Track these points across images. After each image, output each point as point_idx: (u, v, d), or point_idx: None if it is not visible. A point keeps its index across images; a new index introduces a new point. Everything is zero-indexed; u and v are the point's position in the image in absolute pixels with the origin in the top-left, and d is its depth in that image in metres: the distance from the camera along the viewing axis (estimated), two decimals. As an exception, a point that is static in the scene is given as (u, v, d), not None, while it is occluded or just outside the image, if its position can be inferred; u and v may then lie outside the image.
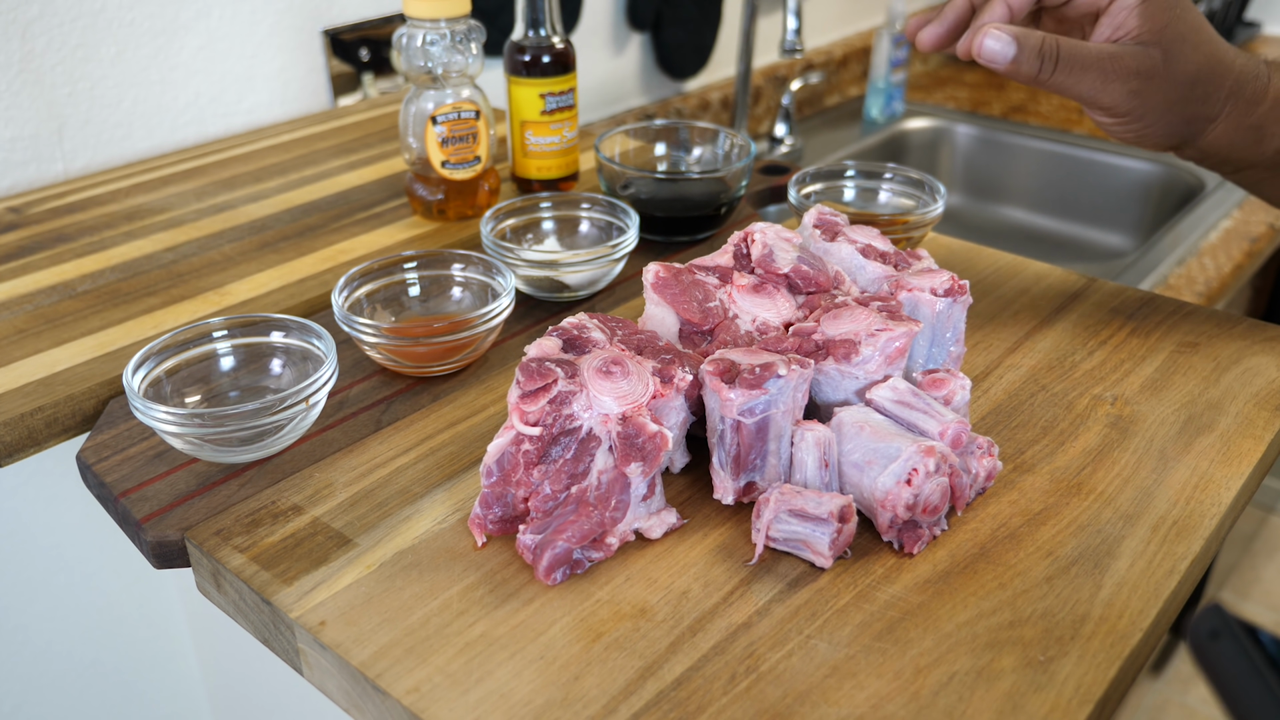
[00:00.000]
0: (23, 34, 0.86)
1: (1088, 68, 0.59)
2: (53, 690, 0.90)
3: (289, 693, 0.81)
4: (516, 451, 0.50)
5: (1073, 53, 0.59)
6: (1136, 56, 0.60)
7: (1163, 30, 0.61)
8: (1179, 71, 0.61)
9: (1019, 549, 0.51)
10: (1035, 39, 0.59)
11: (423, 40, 0.79)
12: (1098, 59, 0.60)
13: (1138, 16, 0.60)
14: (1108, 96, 0.60)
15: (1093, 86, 0.60)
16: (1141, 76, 0.60)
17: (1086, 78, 0.60)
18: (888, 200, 0.82)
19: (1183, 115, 0.62)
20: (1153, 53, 0.60)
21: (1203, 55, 0.62)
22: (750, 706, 0.43)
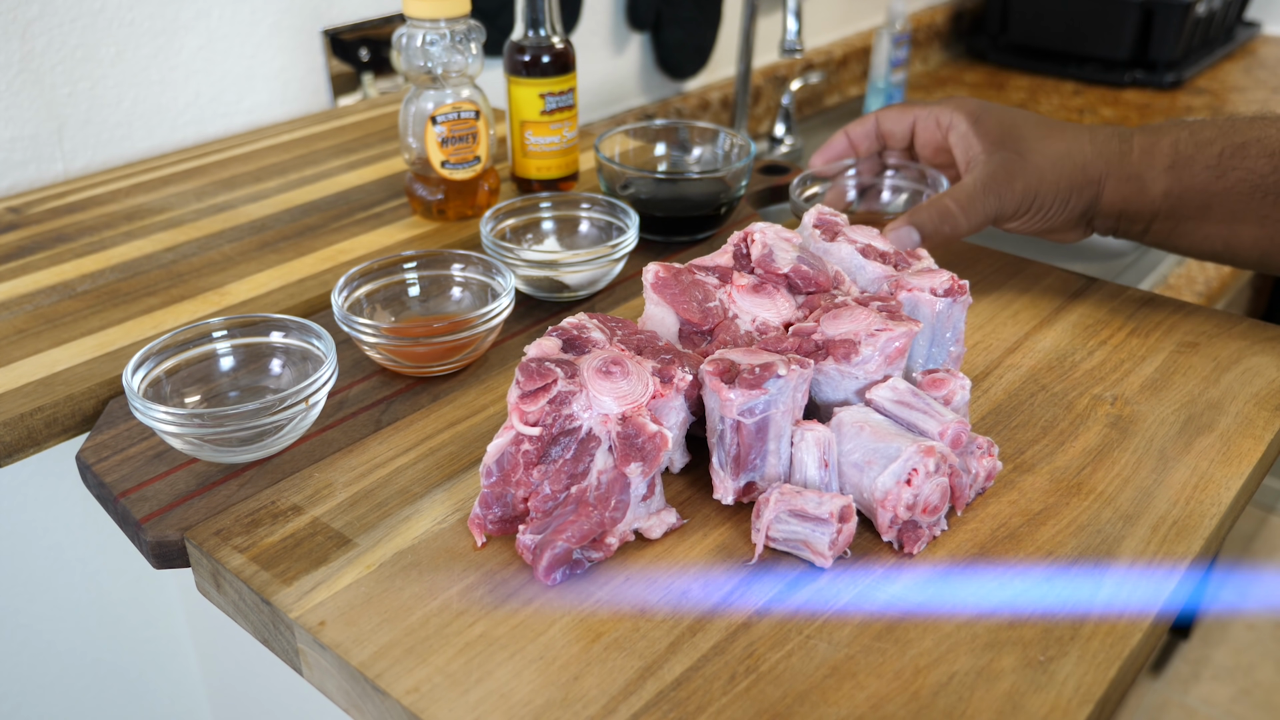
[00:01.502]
0: (23, 34, 0.86)
1: (981, 196, 0.67)
2: (53, 690, 0.90)
3: (289, 693, 0.81)
4: (516, 451, 0.50)
5: (961, 194, 0.67)
6: (1002, 164, 0.68)
7: (1003, 135, 0.69)
8: (1040, 155, 0.68)
9: (1019, 549, 0.51)
10: (926, 213, 0.67)
11: (422, 40, 0.79)
12: (982, 185, 0.67)
13: (976, 137, 0.69)
14: (1009, 205, 0.68)
15: (995, 206, 0.67)
16: (1016, 176, 0.67)
17: (986, 204, 0.67)
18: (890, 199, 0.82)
19: (1069, 188, 0.68)
20: (1008, 155, 0.68)
21: (1053, 134, 0.69)
22: (750, 706, 0.43)
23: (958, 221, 0.67)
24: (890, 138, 0.77)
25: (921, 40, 1.90)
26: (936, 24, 1.94)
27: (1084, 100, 1.74)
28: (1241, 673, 1.77)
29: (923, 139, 0.75)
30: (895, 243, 0.65)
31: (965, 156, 0.70)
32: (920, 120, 0.75)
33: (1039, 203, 0.68)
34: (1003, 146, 0.68)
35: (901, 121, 0.76)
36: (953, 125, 0.71)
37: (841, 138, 0.78)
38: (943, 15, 1.95)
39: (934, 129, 0.74)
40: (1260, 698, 1.73)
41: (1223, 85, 1.80)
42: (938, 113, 0.73)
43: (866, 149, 0.78)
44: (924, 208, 0.67)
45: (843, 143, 0.78)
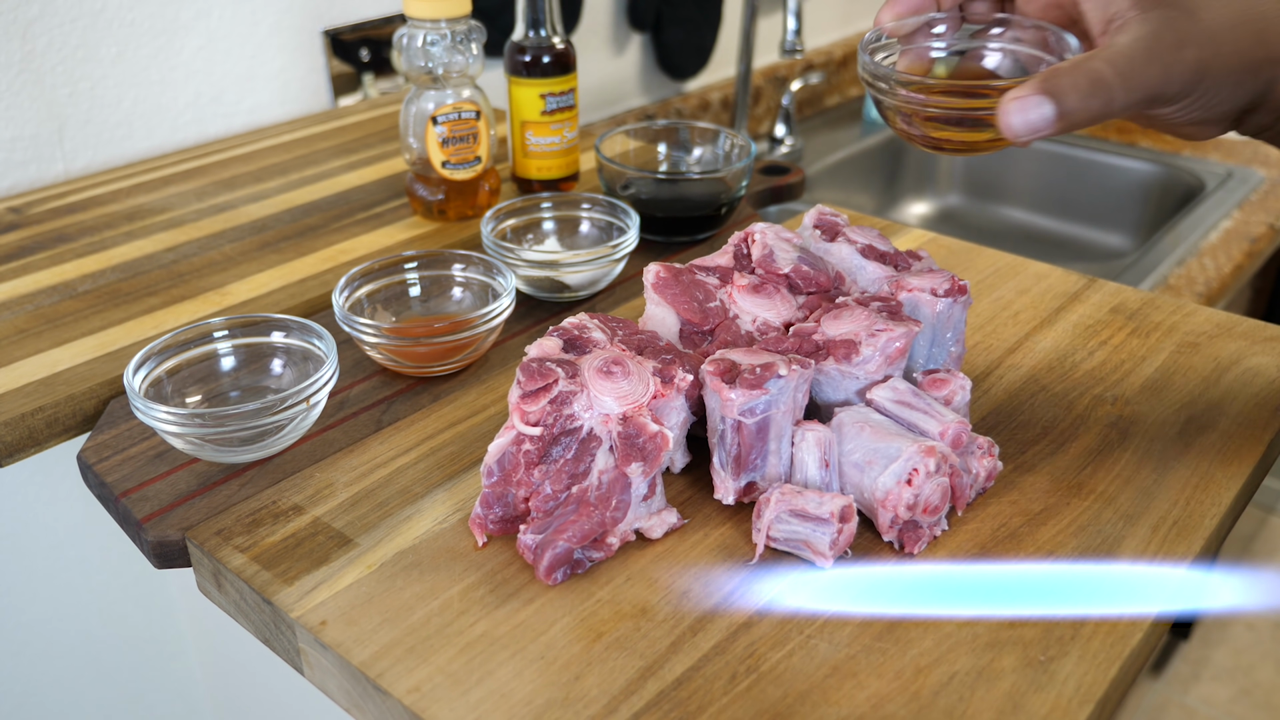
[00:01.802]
0: (23, 34, 0.86)
1: (1145, 60, 0.47)
2: (53, 690, 0.90)
3: (289, 692, 0.82)
4: (517, 451, 0.50)
5: (1118, 56, 0.47)
6: (1167, 23, 0.48)
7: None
8: (1216, 15, 0.48)
9: (1020, 549, 0.51)
10: (1068, 78, 0.46)
11: (423, 40, 0.79)
12: (1146, 47, 0.47)
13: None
14: (1176, 78, 0.47)
15: (1160, 76, 0.47)
16: (1188, 40, 0.47)
17: (1150, 71, 0.47)
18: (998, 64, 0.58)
19: (1245, 65, 0.49)
20: (1172, 14, 0.48)
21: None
22: (751, 706, 0.43)
23: (1112, 94, 0.46)
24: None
25: (921, 40, 1.90)
26: (936, 24, 1.94)
27: (1084, 100, 1.74)
28: (1241, 673, 1.77)
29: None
30: (1019, 117, 0.46)
31: (1104, 12, 0.49)
32: None
33: (1209, 82, 0.48)
34: (1161, 1, 0.48)
35: None
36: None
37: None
38: (943, 16, 1.95)
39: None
40: (1260, 698, 1.73)
41: (1223, 86, 1.80)
42: None
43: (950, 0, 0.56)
44: (1064, 70, 0.46)
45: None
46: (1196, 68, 0.48)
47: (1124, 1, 0.49)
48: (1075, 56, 0.49)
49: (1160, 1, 0.49)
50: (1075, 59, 0.47)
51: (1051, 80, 0.46)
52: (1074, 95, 0.46)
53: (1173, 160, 1.50)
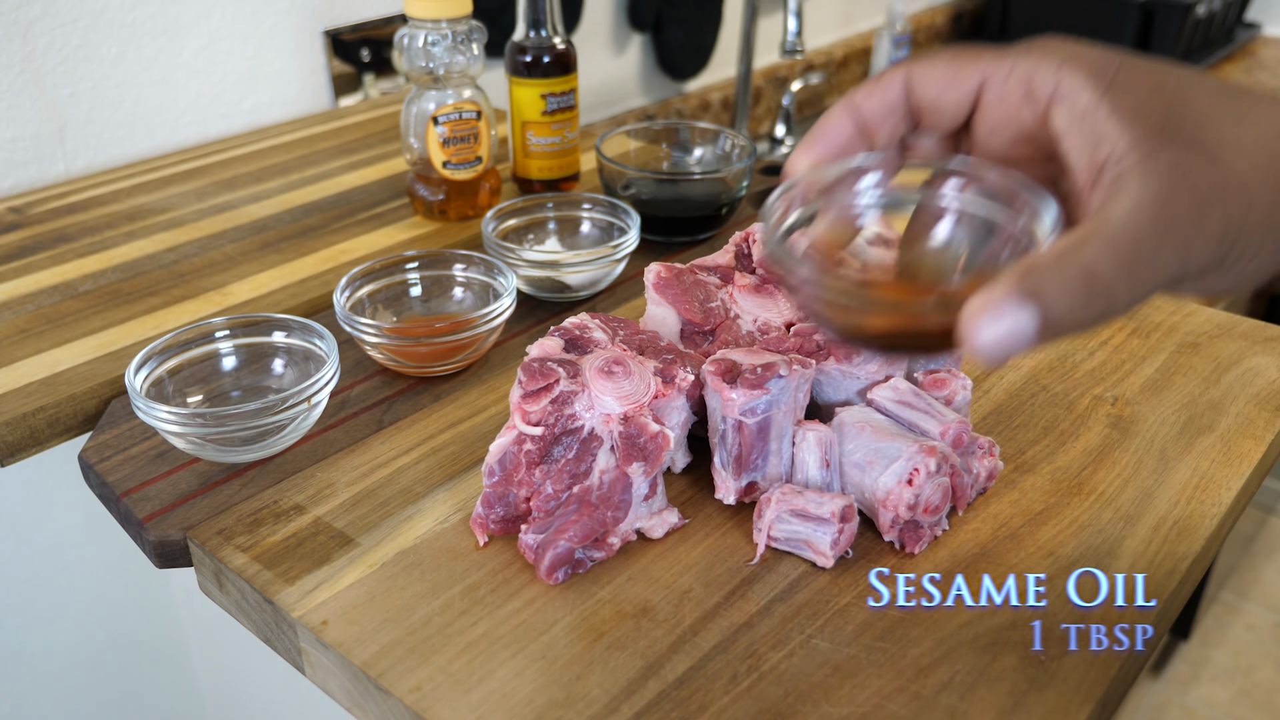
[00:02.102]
0: (24, 34, 0.86)
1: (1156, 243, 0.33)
2: (53, 690, 0.90)
3: (290, 692, 0.81)
4: (518, 451, 0.50)
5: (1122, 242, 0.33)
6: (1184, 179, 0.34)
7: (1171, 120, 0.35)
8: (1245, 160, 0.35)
9: (1020, 549, 0.51)
10: (1054, 275, 0.32)
11: (424, 41, 0.79)
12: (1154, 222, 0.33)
13: (1115, 119, 0.35)
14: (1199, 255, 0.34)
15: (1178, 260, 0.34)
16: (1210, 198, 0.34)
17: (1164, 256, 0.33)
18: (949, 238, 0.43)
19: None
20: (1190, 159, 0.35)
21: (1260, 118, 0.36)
22: (752, 706, 0.43)
23: (1114, 294, 0.33)
24: (931, 114, 0.40)
25: (922, 41, 1.90)
26: (937, 25, 1.94)
27: (1084, 101, 1.74)
28: (1241, 673, 1.78)
29: (995, 117, 0.39)
30: (992, 332, 0.32)
31: (1092, 155, 0.36)
32: (993, 83, 0.38)
33: (1242, 246, 0.35)
34: (1170, 137, 0.35)
35: (956, 85, 0.39)
36: (1060, 95, 0.36)
37: (844, 117, 0.41)
38: (943, 16, 1.96)
39: (1019, 100, 0.38)
40: (1260, 698, 1.73)
41: (1223, 86, 1.80)
42: (1027, 69, 0.37)
43: (888, 133, 0.41)
44: (1046, 266, 0.33)
45: (846, 126, 0.41)
46: (1223, 234, 0.34)
47: (1121, 139, 0.35)
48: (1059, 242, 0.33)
49: (1171, 137, 0.35)
50: (1062, 246, 0.33)
51: (1031, 278, 0.32)
52: (1064, 299, 0.32)
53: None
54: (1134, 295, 0.33)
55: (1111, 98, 0.35)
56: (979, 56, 0.39)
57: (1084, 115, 0.36)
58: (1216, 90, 0.37)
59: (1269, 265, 0.36)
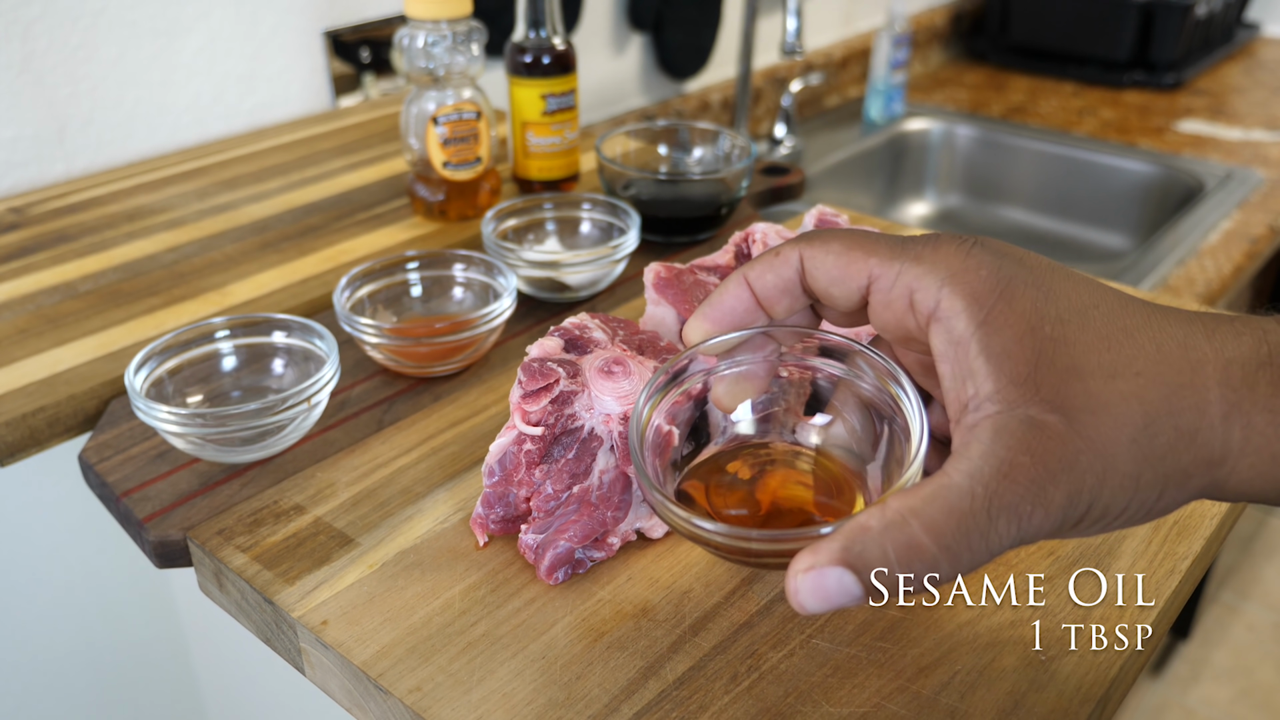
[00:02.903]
0: (24, 34, 0.86)
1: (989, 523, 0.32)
2: (53, 690, 0.90)
3: (290, 692, 0.81)
4: (518, 451, 0.50)
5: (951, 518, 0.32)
6: (1033, 446, 0.33)
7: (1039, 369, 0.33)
8: (1111, 418, 0.33)
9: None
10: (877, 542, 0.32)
11: (424, 41, 0.79)
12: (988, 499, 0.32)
13: (984, 358, 0.34)
14: (1038, 529, 0.33)
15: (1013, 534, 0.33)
16: (1062, 468, 0.33)
17: (997, 536, 0.32)
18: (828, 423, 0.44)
19: (1165, 476, 0.34)
20: (1046, 420, 0.33)
21: (1138, 362, 0.34)
22: (752, 705, 0.43)
23: (939, 569, 0.32)
24: (826, 297, 0.39)
25: (921, 41, 1.90)
26: (936, 25, 1.94)
27: (1084, 101, 1.75)
28: (1241, 674, 1.78)
29: (883, 318, 0.38)
30: (812, 594, 0.33)
31: (960, 391, 0.34)
32: (879, 287, 0.37)
33: (1099, 510, 0.34)
34: (1033, 392, 0.33)
35: (846, 280, 0.38)
36: (940, 314, 0.35)
37: (739, 288, 0.40)
38: (943, 16, 1.96)
39: (904, 309, 0.36)
40: (1260, 699, 1.73)
41: (1223, 86, 1.81)
42: (911, 281, 0.36)
43: (784, 310, 0.40)
44: (873, 531, 0.33)
45: (742, 296, 0.40)
46: (1068, 506, 0.33)
47: (985, 383, 0.33)
48: (895, 501, 0.33)
49: (1033, 391, 0.33)
50: (893, 512, 0.33)
51: (857, 544, 0.32)
52: (886, 573, 0.32)
53: (1172, 161, 1.50)
54: (958, 569, 0.33)
55: (984, 333, 0.34)
56: (871, 252, 0.37)
57: (958, 344, 0.34)
58: (1097, 335, 0.34)
59: (1144, 515, 0.35)
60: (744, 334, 0.41)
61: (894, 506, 0.33)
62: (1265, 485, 0.35)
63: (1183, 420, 0.34)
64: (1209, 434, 0.34)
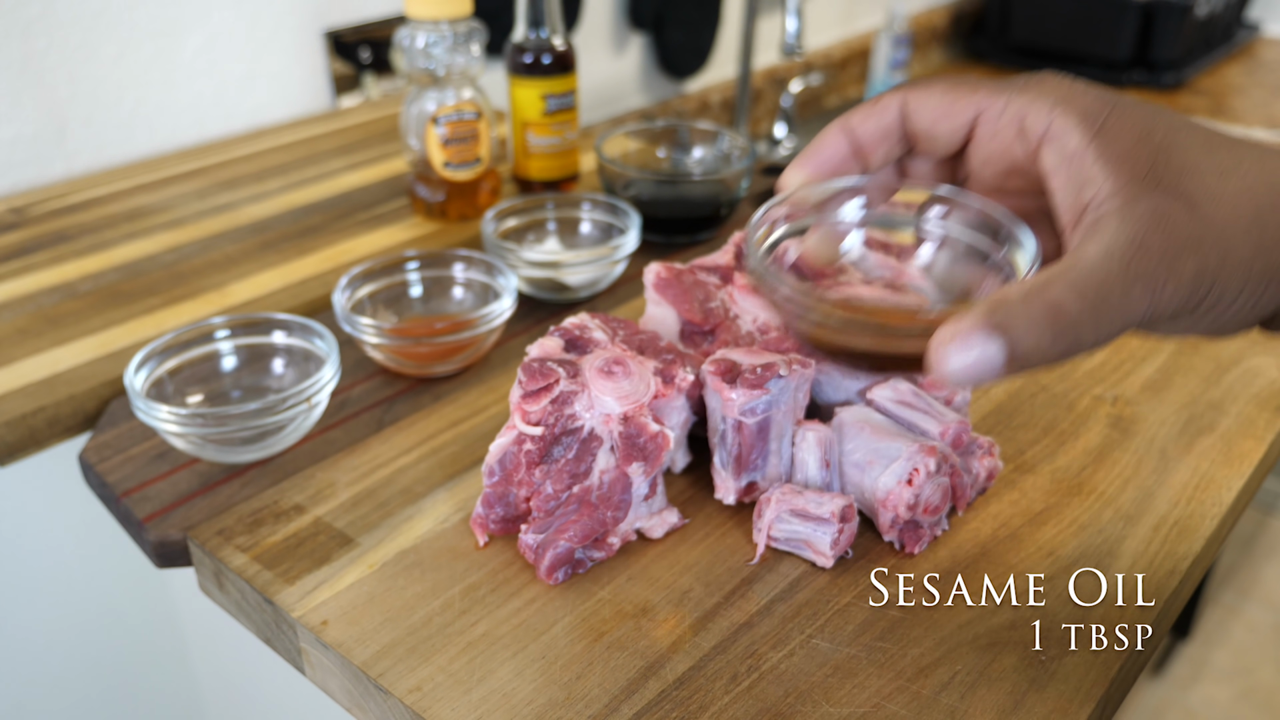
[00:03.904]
0: (23, 34, 0.86)
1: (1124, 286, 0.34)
2: (53, 690, 0.90)
3: (290, 692, 0.81)
4: (518, 451, 0.50)
5: (1090, 284, 0.34)
6: (1157, 222, 0.35)
7: (1153, 160, 0.36)
8: (1226, 205, 0.36)
9: (1020, 549, 0.51)
10: (1021, 310, 0.34)
11: (424, 41, 0.79)
12: (1125, 266, 0.34)
13: (1102, 163, 0.36)
14: (1169, 301, 0.35)
15: (1145, 304, 0.35)
16: (1186, 246, 0.35)
17: (1132, 301, 0.34)
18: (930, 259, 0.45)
19: (1269, 271, 0.36)
20: (1169, 205, 0.35)
21: (1245, 163, 0.37)
22: (752, 705, 0.43)
23: (1079, 332, 0.34)
24: (926, 140, 0.41)
25: (921, 41, 1.90)
26: (936, 25, 1.94)
27: (1084, 101, 1.74)
28: (1242, 674, 1.78)
29: (988, 149, 0.40)
30: (960, 360, 0.34)
31: (1076, 197, 0.37)
32: (987, 117, 0.39)
33: (1217, 294, 0.36)
34: (1153, 184, 0.36)
35: (951, 116, 0.40)
36: (1052, 135, 0.37)
37: (839, 136, 0.42)
38: (943, 16, 1.96)
39: (1013, 136, 0.39)
40: (1261, 699, 1.73)
41: (1223, 86, 1.81)
42: (1022, 107, 0.38)
43: (882, 156, 0.42)
44: (1014, 301, 0.34)
45: (841, 145, 0.42)
46: (1196, 281, 0.35)
47: (1105, 183, 0.36)
48: (1031, 277, 0.35)
49: (1152, 185, 0.36)
50: (1031, 284, 0.34)
51: (1000, 312, 0.33)
52: (1030, 334, 0.33)
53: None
54: (1099, 334, 0.34)
55: (1100, 142, 0.36)
56: (975, 89, 0.39)
57: (1072, 157, 0.37)
58: (1204, 141, 0.37)
59: (1248, 314, 0.37)
60: (838, 183, 0.41)
61: (1033, 280, 0.34)
62: None
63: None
64: None
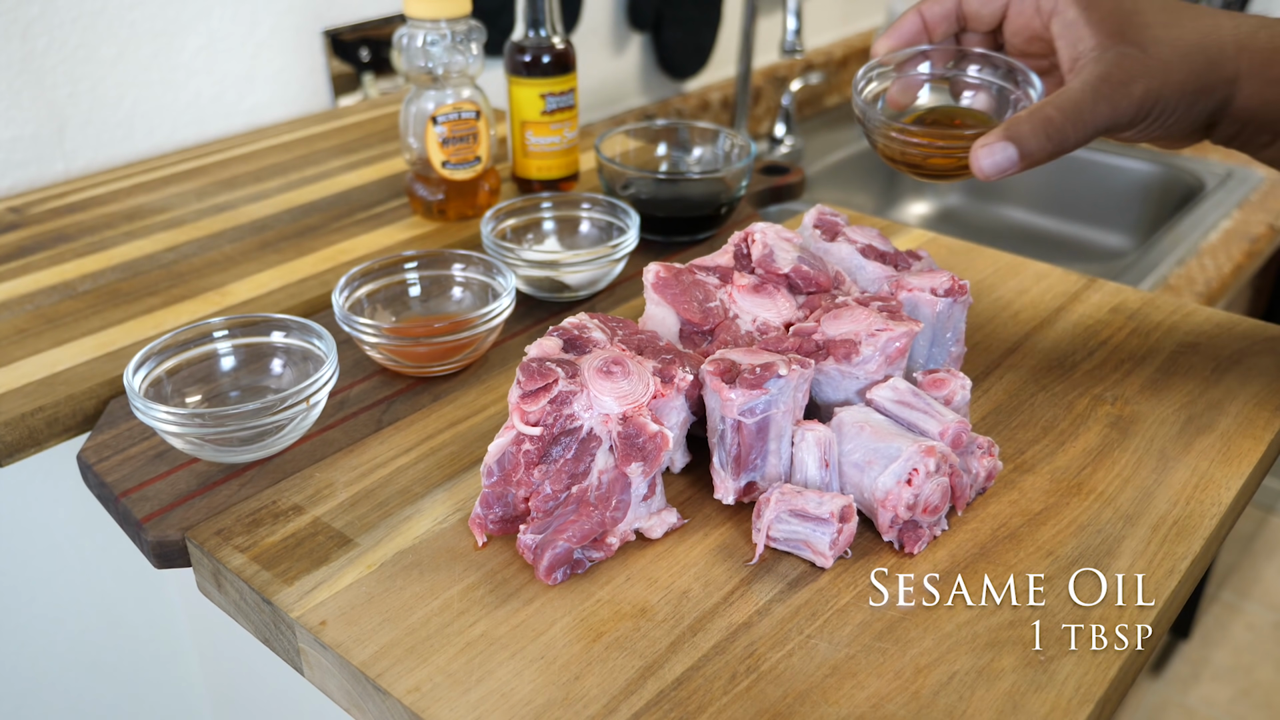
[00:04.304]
0: (23, 34, 0.86)
1: (1093, 103, 0.54)
2: (53, 690, 0.90)
3: (289, 693, 0.81)
4: (517, 451, 0.50)
5: (1069, 103, 0.54)
6: (1118, 61, 0.55)
7: (1122, 23, 0.56)
8: (1167, 48, 0.56)
9: (1019, 549, 0.51)
10: (1026, 125, 0.54)
11: (423, 40, 0.79)
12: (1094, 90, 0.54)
13: (1088, 27, 0.56)
14: (1125, 112, 0.55)
15: (1108, 114, 0.54)
16: (1137, 76, 0.55)
17: (1098, 111, 0.54)
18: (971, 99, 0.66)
19: (1199, 88, 0.56)
20: (1126, 50, 0.55)
21: (1184, 19, 0.57)
22: (751, 706, 0.43)
23: (1065, 135, 0.54)
24: (974, 20, 0.63)
25: (921, 40, 1.90)
26: (936, 24, 1.94)
27: (1084, 100, 1.74)
28: (1241, 673, 1.78)
29: (1016, 24, 0.61)
30: (988, 160, 0.54)
31: (1072, 51, 0.57)
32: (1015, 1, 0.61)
33: (1161, 106, 0.55)
34: (1120, 38, 0.55)
35: (992, 2, 0.62)
36: (1057, 10, 0.58)
37: (914, 17, 0.64)
38: (943, 15, 1.95)
39: (1032, 13, 0.60)
40: (1260, 698, 1.73)
41: (1223, 86, 1.80)
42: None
43: (943, 32, 0.64)
44: (1022, 119, 0.54)
45: (915, 23, 0.64)
46: (1144, 99, 0.55)
47: (1089, 41, 0.56)
48: (1034, 104, 0.56)
49: (1119, 39, 0.55)
50: (1033, 107, 0.55)
51: (1013, 127, 0.54)
52: (1032, 140, 0.54)
53: (1173, 160, 1.50)
54: (1079, 136, 0.54)
55: (1088, 14, 0.56)
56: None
57: (1070, 24, 0.57)
58: (1162, 6, 0.57)
59: (1186, 122, 0.57)
60: (914, 49, 0.64)
61: (1033, 105, 0.55)
62: (1260, 104, 0.57)
63: (1210, 51, 0.56)
64: (1226, 61, 0.56)
